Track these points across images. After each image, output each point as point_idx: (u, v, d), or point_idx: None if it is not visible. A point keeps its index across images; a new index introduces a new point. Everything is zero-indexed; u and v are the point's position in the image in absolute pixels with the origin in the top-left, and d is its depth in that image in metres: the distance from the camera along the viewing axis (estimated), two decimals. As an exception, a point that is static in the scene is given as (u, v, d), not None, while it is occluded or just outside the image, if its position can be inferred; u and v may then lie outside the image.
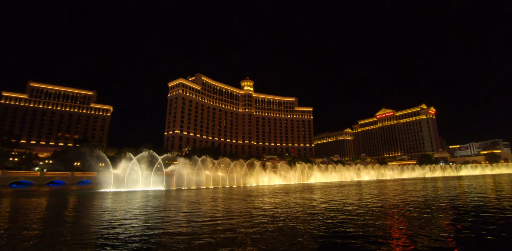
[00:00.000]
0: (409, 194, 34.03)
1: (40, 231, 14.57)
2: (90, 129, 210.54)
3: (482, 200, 25.85)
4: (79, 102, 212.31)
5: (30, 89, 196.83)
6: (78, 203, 30.71)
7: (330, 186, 56.50)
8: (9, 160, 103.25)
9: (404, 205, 22.58)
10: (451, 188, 43.35)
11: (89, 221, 17.48)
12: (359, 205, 22.94)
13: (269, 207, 22.85)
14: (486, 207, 20.65)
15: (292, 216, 17.79)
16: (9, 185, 74.97)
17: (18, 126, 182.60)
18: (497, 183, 54.14)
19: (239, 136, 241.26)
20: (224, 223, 15.57)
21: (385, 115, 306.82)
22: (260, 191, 45.74)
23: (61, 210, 23.82)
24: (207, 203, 27.61)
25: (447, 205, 22.74)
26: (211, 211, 20.96)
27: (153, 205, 26.75)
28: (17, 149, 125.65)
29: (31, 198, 36.21)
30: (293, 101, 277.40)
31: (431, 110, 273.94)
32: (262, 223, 15.20)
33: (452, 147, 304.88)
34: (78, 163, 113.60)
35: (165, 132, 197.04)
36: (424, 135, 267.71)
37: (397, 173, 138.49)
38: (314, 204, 24.51)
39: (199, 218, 17.59)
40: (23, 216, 20.12)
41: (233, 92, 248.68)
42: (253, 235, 12.27)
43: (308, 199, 29.40)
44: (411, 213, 18.04)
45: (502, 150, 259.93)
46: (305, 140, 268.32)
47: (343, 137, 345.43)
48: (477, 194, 31.69)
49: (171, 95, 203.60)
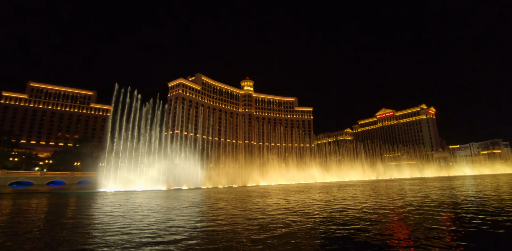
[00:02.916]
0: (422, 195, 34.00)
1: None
2: (90, 129, 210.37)
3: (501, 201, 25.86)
4: (79, 102, 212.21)
5: (30, 89, 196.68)
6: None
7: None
8: (9, 160, 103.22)
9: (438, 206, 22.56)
10: (457, 188, 43.35)
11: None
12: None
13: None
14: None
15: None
16: (9, 185, 74.96)
17: (18, 126, 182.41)
18: (499, 183, 54.15)
19: (239, 136, 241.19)
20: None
21: (385, 115, 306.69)
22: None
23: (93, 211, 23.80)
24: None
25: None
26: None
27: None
28: (17, 149, 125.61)
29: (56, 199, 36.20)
30: (293, 101, 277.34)
31: (431, 110, 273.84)
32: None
33: (452, 147, 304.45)
34: (78, 163, 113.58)
35: (164, 132, 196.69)
36: (424, 135, 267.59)
37: (397, 173, 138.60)
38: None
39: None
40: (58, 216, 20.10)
41: (233, 92, 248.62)
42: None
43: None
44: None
45: (502, 150, 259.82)
46: (305, 140, 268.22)
47: (343, 137, 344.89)
48: (484, 195, 31.68)
49: (171, 95, 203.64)
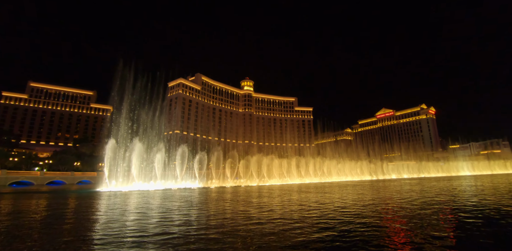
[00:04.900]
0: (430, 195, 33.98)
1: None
2: (90, 129, 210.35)
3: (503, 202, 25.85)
4: (79, 102, 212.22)
5: (30, 89, 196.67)
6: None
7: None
8: (9, 160, 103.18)
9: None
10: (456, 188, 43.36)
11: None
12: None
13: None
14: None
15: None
16: (9, 185, 74.97)
17: (18, 126, 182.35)
18: (499, 183, 54.16)
19: (239, 136, 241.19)
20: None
21: (385, 115, 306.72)
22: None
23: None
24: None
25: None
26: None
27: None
28: (17, 149, 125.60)
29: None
30: (293, 101, 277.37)
31: (431, 110, 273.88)
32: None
33: (452, 147, 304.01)
34: (78, 163, 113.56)
35: (164, 132, 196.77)
36: (424, 135, 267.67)
37: (397, 173, 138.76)
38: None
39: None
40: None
41: (233, 92, 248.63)
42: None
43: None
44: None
45: (502, 150, 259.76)
46: (305, 140, 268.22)
47: (343, 137, 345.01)
48: (487, 195, 31.70)
49: (171, 95, 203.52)
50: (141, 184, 59.44)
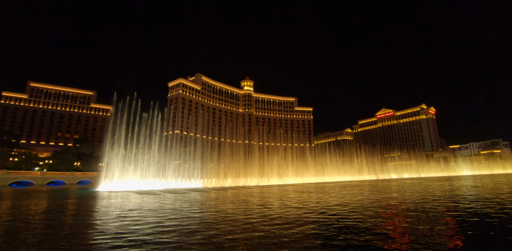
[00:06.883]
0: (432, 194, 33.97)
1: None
2: (90, 129, 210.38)
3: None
4: (79, 102, 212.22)
5: (30, 89, 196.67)
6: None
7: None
8: (9, 160, 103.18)
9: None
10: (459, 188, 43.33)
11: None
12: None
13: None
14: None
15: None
16: (9, 185, 74.95)
17: (18, 126, 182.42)
18: (499, 183, 54.15)
19: (239, 136, 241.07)
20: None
21: (385, 115, 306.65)
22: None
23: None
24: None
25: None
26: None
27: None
28: (17, 149, 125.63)
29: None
30: (293, 101, 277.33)
31: (431, 110, 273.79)
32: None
33: (452, 147, 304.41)
34: (78, 163, 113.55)
35: (164, 132, 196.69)
36: (424, 135, 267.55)
37: (397, 173, 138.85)
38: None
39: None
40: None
41: (233, 92, 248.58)
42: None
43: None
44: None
45: (502, 150, 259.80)
46: (305, 140, 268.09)
47: (343, 137, 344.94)
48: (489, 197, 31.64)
49: (171, 95, 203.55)
50: (141, 184, 59.42)
